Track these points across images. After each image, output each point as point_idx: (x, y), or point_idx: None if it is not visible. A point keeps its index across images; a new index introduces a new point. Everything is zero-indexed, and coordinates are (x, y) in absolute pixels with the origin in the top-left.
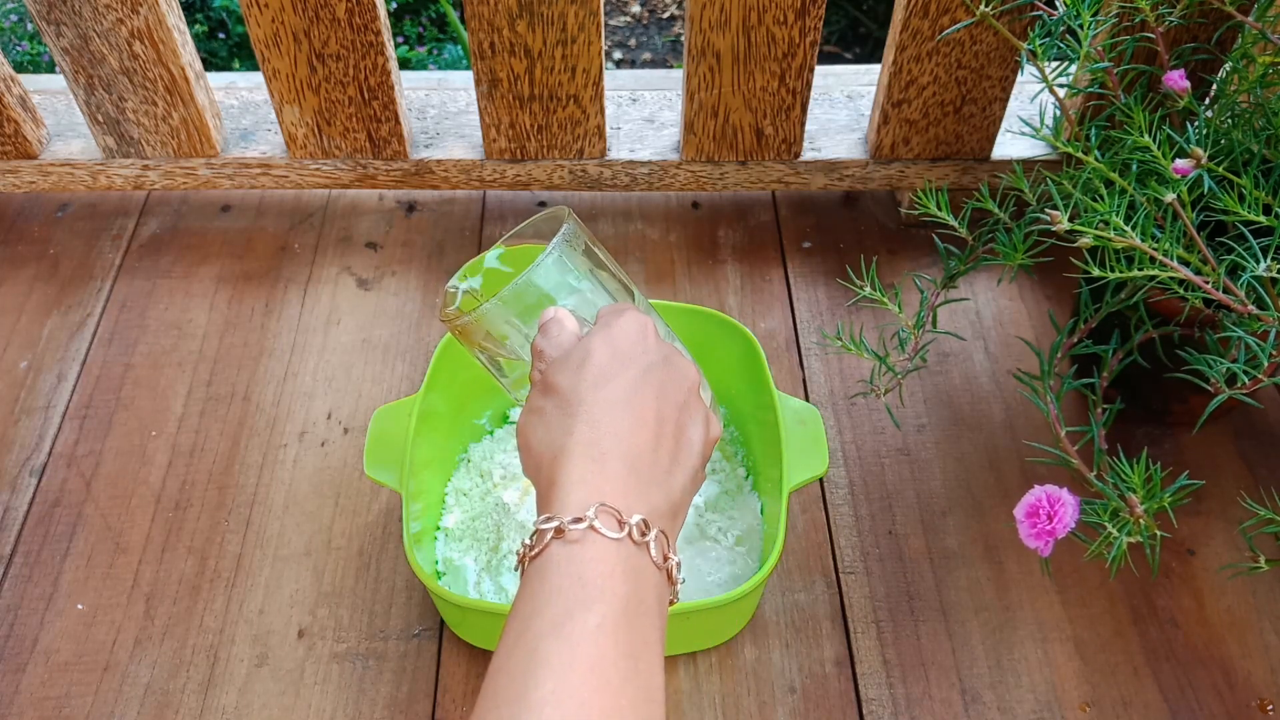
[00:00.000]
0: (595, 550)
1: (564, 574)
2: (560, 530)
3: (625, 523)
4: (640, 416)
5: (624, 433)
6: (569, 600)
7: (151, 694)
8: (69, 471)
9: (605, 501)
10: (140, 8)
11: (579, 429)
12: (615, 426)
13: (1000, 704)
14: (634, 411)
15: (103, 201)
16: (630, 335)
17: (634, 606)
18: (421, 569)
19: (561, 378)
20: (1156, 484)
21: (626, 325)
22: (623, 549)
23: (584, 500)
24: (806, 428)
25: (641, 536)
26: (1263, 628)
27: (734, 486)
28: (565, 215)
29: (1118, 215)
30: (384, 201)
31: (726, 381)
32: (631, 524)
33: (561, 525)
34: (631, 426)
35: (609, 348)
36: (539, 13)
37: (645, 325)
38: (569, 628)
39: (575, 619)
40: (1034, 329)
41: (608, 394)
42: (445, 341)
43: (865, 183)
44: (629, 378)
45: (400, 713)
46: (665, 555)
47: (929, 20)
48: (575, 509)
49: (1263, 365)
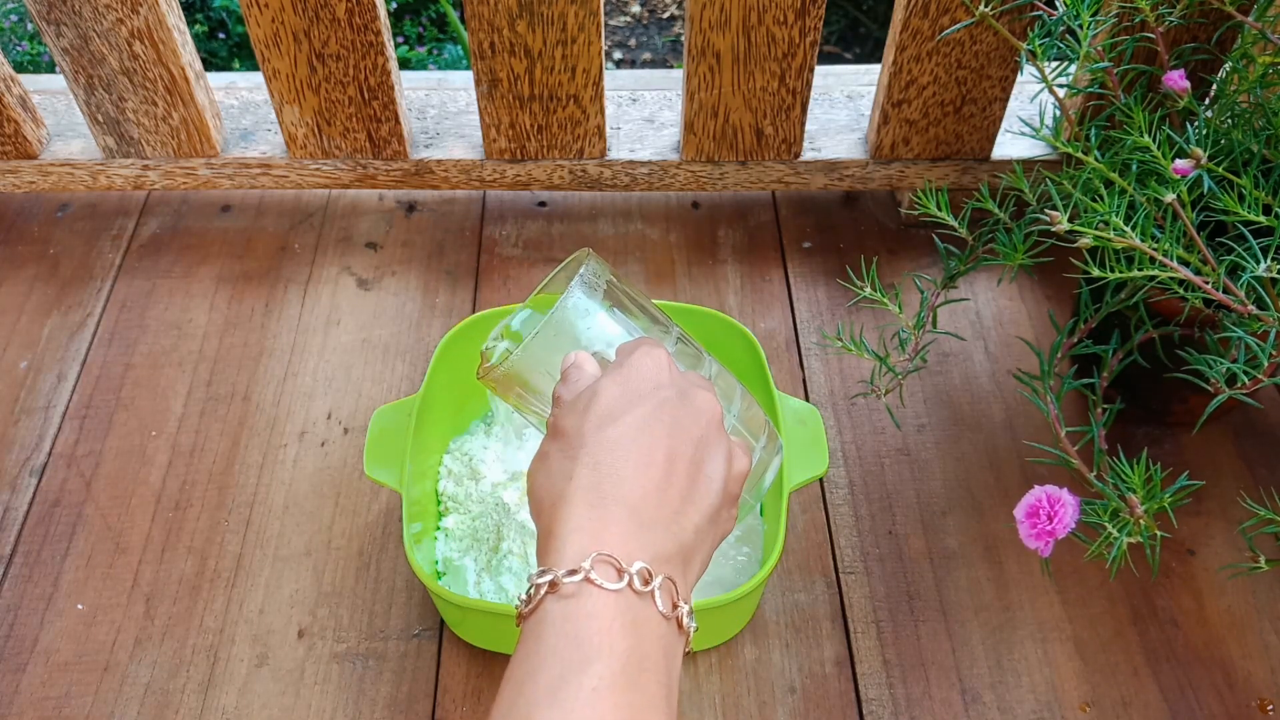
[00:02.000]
0: (592, 604)
1: (559, 633)
2: (555, 584)
3: (625, 571)
4: (647, 455)
5: (628, 474)
6: (564, 662)
7: (151, 694)
8: (69, 471)
9: (603, 550)
10: (140, 8)
11: (580, 472)
12: (618, 468)
13: (1000, 704)
14: (640, 450)
15: (103, 201)
16: (643, 371)
17: (636, 663)
18: (421, 569)
19: (568, 420)
20: (1157, 484)
21: (639, 361)
22: (622, 600)
23: (580, 549)
24: (806, 427)
25: (644, 585)
26: (1263, 628)
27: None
28: (584, 257)
29: (1118, 215)
30: (384, 201)
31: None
32: (632, 572)
33: (556, 579)
34: (636, 467)
35: (619, 386)
36: (539, 13)
37: (660, 359)
38: (564, 694)
39: (570, 684)
40: (1034, 329)
41: (612, 433)
42: (445, 341)
43: (865, 183)
44: (637, 415)
45: (400, 713)
46: (674, 603)
47: (929, 20)
48: (571, 560)
49: (1263, 365)
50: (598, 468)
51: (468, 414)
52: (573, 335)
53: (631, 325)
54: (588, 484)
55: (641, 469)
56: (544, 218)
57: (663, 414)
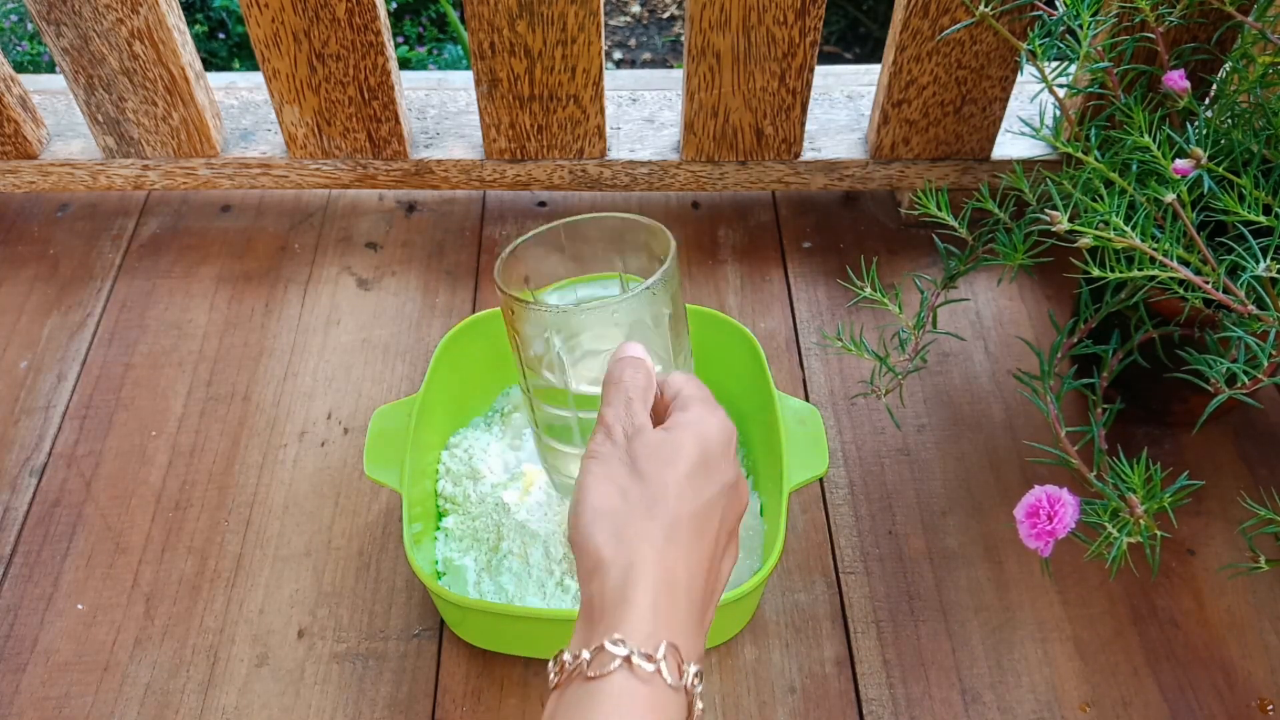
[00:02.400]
0: (656, 696)
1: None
2: (629, 661)
3: (685, 672)
4: (709, 546)
5: (695, 563)
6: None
7: (151, 694)
8: (69, 471)
9: (673, 641)
10: (140, 8)
11: (657, 541)
12: (691, 553)
13: (1000, 704)
14: (705, 538)
15: (103, 201)
16: (720, 443)
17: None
18: (421, 569)
19: (650, 465)
20: (1157, 484)
21: (718, 431)
22: (676, 700)
23: (653, 634)
24: (806, 427)
25: (695, 687)
26: (1263, 628)
27: None
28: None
29: (1118, 215)
30: (384, 201)
31: (726, 382)
32: (690, 673)
33: (631, 656)
34: (701, 557)
35: (700, 452)
36: (539, 13)
37: (732, 436)
38: None
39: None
40: (1034, 329)
41: (691, 508)
42: (446, 341)
43: (865, 183)
44: (710, 497)
45: (400, 713)
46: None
47: (929, 20)
48: (644, 640)
49: (1263, 365)
50: (674, 543)
51: (468, 413)
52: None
53: (684, 348)
54: (667, 560)
55: (703, 560)
56: (544, 218)
57: (726, 503)
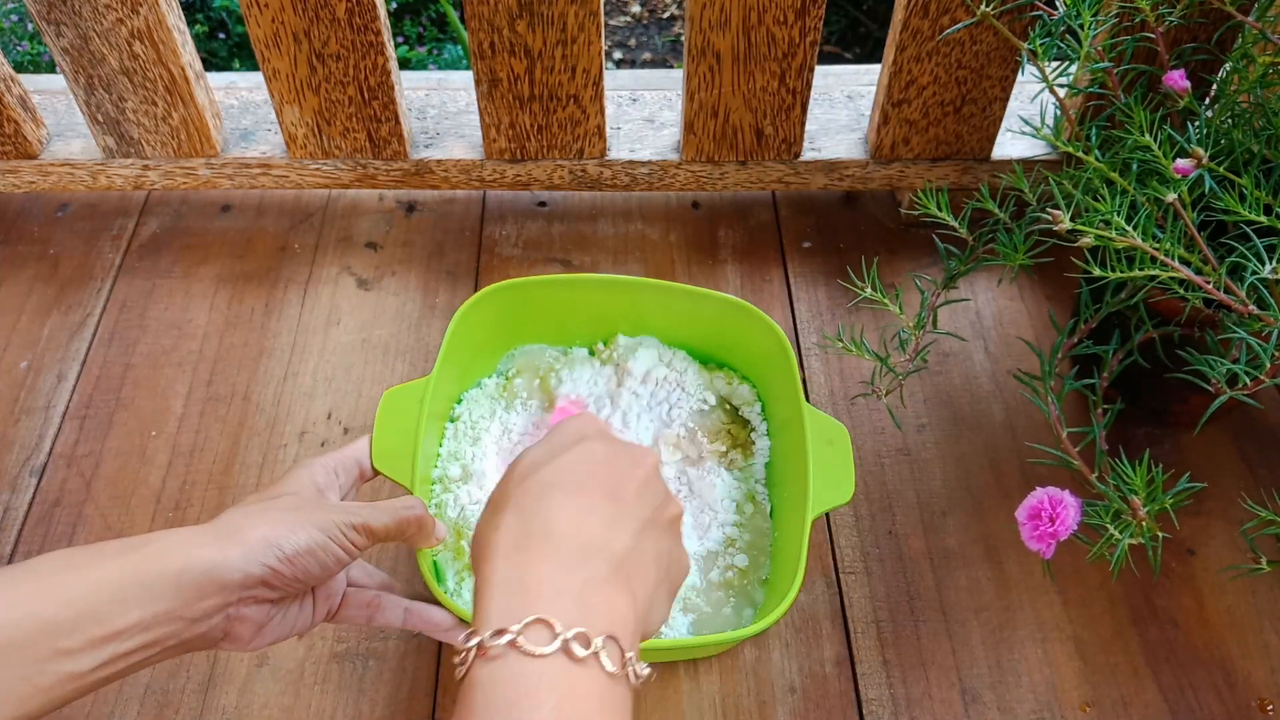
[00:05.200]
0: (520, 667)
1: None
2: (482, 648)
3: (558, 634)
4: (578, 488)
5: (555, 508)
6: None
7: (151, 694)
8: (69, 471)
9: (532, 605)
10: (140, 8)
11: (505, 520)
12: (546, 505)
13: (1000, 704)
14: (570, 486)
15: (103, 201)
16: (566, 428)
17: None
18: (428, 573)
19: (495, 489)
20: (1158, 485)
21: (563, 423)
22: (554, 664)
23: (506, 607)
24: (835, 448)
25: (584, 648)
26: (1263, 628)
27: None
28: None
29: (1118, 215)
30: (384, 201)
31: (752, 376)
32: (567, 636)
33: (483, 643)
34: (566, 497)
35: (542, 445)
36: (539, 13)
37: (586, 419)
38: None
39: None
40: (1034, 329)
41: (538, 478)
42: (453, 326)
43: (865, 183)
44: (563, 460)
45: (400, 713)
46: (622, 661)
47: (929, 20)
48: (496, 618)
49: (1264, 366)
50: (522, 512)
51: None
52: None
53: None
54: (515, 528)
55: (571, 498)
56: (544, 218)
57: (593, 454)
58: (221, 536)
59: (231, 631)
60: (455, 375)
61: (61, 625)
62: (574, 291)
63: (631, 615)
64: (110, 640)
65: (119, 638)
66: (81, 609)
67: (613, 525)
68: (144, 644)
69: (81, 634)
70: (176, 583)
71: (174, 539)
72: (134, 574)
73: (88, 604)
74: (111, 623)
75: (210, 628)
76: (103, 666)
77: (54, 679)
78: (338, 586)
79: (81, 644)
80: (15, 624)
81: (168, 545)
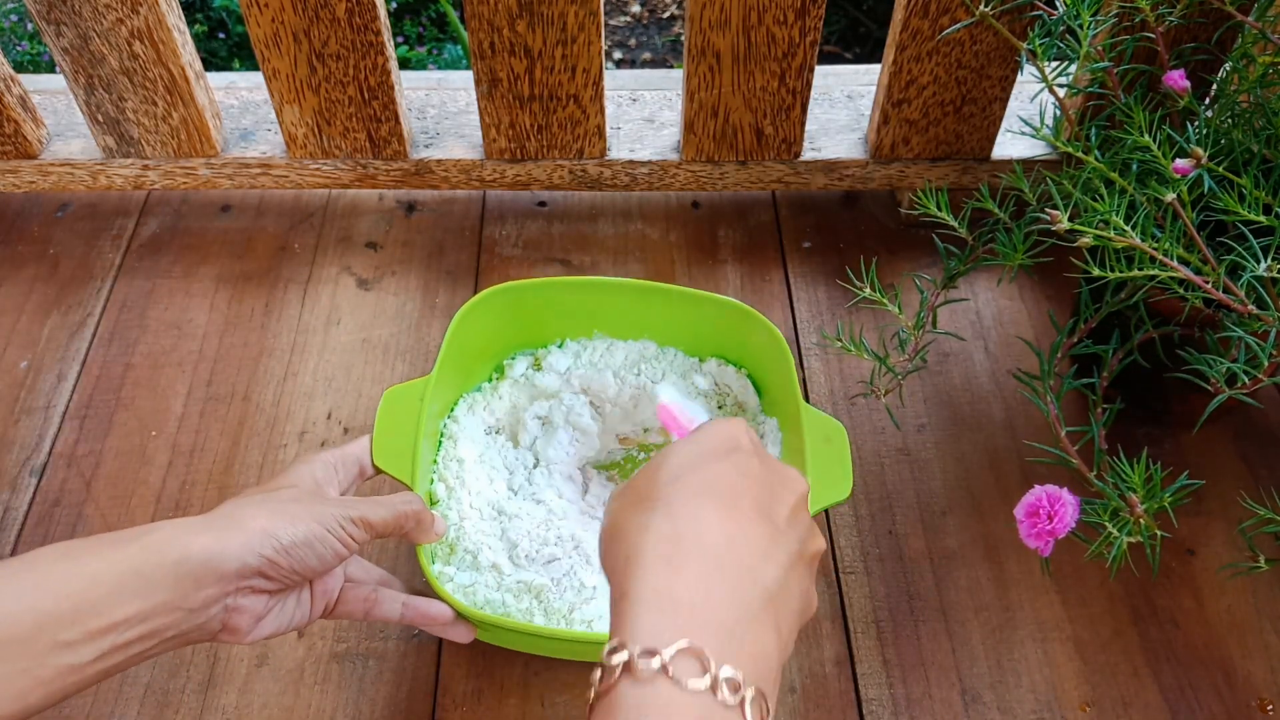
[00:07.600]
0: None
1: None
2: (630, 667)
3: (709, 672)
4: (731, 501)
5: (708, 518)
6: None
7: (151, 694)
8: (69, 471)
9: (687, 633)
10: (140, 8)
11: (655, 521)
12: (699, 514)
13: (1000, 704)
14: (724, 497)
15: (103, 201)
16: (718, 432)
17: None
18: (430, 572)
19: (639, 478)
20: (1157, 484)
21: (714, 425)
22: (701, 703)
23: (656, 625)
24: (832, 445)
25: (733, 695)
26: (1263, 628)
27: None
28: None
29: (1118, 215)
30: (384, 201)
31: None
32: (720, 678)
33: (632, 660)
34: (719, 509)
35: (693, 445)
36: (539, 13)
37: (737, 425)
38: None
39: None
40: (1034, 329)
41: (691, 481)
42: (454, 326)
43: (865, 183)
44: (716, 468)
45: (400, 713)
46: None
47: (929, 20)
48: (646, 635)
49: (1263, 365)
50: (674, 516)
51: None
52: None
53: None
54: (666, 533)
55: (726, 512)
56: (544, 218)
57: (748, 469)
58: (219, 526)
59: (229, 623)
60: (455, 375)
61: (60, 617)
62: (574, 294)
63: (776, 659)
64: (109, 631)
65: (118, 629)
66: (80, 601)
67: (767, 553)
68: (142, 635)
69: (80, 626)
70: (174, 573)
71: (171, 529)
72: (132, 565)
73: (86, 596)
74: (110, 614)
75: (208, 618)
76: (102, 658)
77: (53, 671)
78: (335, 582)
79: (80, 636)
80: (14, 617)
81: (165, 536)
